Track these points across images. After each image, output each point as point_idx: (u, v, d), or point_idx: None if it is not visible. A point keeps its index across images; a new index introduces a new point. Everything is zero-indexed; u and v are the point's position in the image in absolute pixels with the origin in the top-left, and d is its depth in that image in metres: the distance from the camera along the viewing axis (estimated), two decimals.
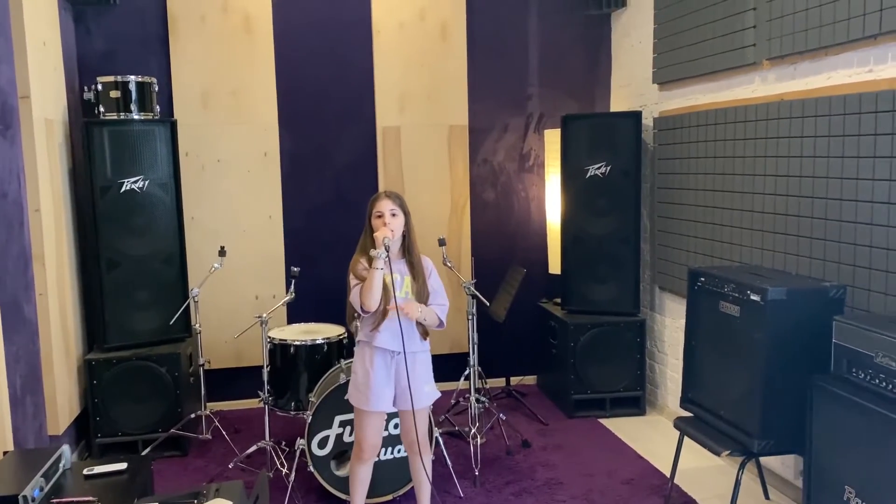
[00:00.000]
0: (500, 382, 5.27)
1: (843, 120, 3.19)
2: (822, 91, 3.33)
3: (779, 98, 3.61)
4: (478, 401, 4.21)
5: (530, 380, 5.54)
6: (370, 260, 3.01)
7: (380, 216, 3.10)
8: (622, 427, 4.66)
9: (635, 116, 4.81)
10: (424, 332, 3.21)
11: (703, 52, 4.20)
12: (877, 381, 2.64)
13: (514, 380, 5.35)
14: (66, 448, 2.77)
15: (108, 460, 2.86)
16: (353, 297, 3.10)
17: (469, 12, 5.21)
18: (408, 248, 3.18)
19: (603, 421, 4.77)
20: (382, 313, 3.08)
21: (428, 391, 3.23)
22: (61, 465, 2.71)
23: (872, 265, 3.08)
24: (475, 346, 4.17)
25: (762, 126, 3.72)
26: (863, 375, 2.71)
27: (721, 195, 4.08)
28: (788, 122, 3.52)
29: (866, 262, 3.11)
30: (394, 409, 3.23)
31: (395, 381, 3.16)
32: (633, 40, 5.14)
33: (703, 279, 3.51)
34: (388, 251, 3.00)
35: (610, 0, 5.20)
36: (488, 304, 4.08)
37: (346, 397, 3.25)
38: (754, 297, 3.11)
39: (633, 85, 5.18)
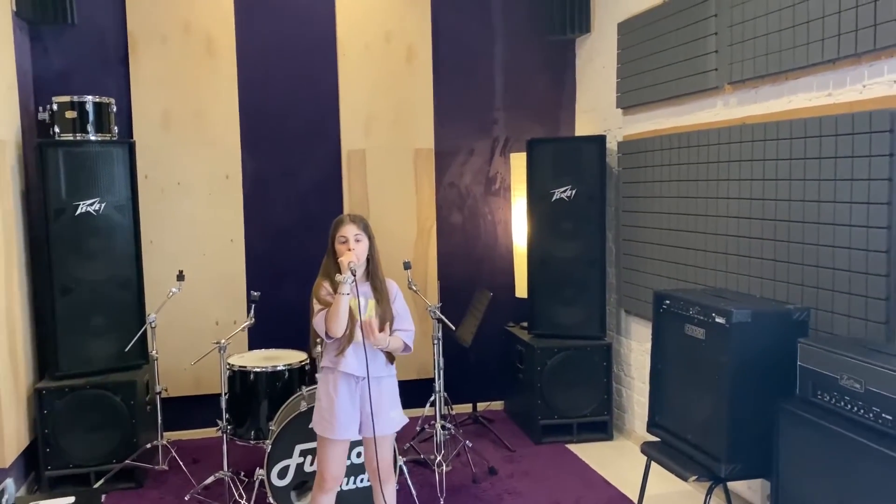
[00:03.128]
0: (466, 408, 5.19)
1: (804, 143, 3.22)
2: (784, 115, 3.36)
3: (741, 122, 3.64)
4: (443, 427, 4.13)
5: (498, 405, 5.48)
6: (335, 285, 2.94)
7: (344, 241, 3.03)
8: (589, 452, 4.61)
9: (600, 140, 4.83)
10: (391, 357, 3.14)
11: (666, 77, 4.23)
12: (842, 403, 2.63)
13: (481, 405, 5.27)
14: (9, 482, 2.63)
15: (57, 493, 2.73)
16: (318, 323, 3.01)
17: (435, 35, 5.21)
18: (372, 272, 3.11)
19: (570, 446, 4.72)
20: (348, 338, 3.00)
21: (394, 417, 3.15)
22: (4, 499, 2.57)
23: (835, 287, 3.09)
24: (441, 372, 4.11)
25: (725, 149, 3.74)
26: (828, 398, 2.70)
27: (685, 218, 4.09)
28: (751, 146, 3.55)
29: (829, 285, 3.12)
30: (359, 437, 3.14)
31: (360, 408, 3.07)
32: (597, 65, 5.18)
33: (668, 302, 3.50)
34: (354, 276, 2.93)
35: (574, 25, 5.24)
36: (454, 328, 4.02)
37: (310, 426, 3.15)
38: (719, 320, 3.09)
39: (597, 109, 5.21)
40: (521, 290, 5.20)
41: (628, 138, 4.72)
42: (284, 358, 4.10)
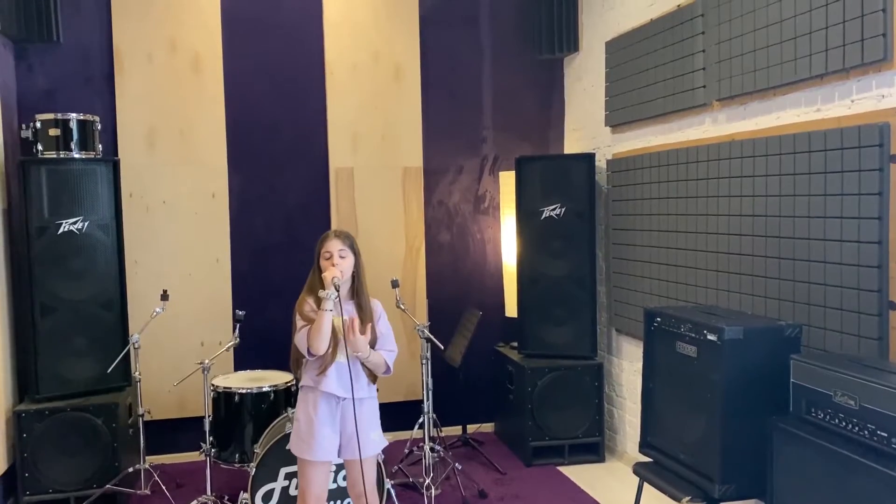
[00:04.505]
0: (456, 430, 5.11)
1: (793, 159, 3.21)
2: (772, 130, 3.35)
3: (729, 138, 3.63)
4: (432, 450, 4.06)
5: (488, 427, 5.40)
6: (318, 301, 2.89)
7: (328, 257, 2.99)
8: (581, 474, 4.54)
9: (588, 158, 4.81)
10: (373, 377, 3.07)
11: (654, 95, 4.23)
12: (836, 420, 2.59)
13: (471, 428, 5.19)
14: None
15: None
16: (300, 340, 2.96)
17: (423, 55, 5.20)
18: (357, 290, 3.06)
19: (562, 469, 4.64)
20: (331, 357, 2.94)
21: (374, 439, 3.07)
22: None
23: (827, 303, 3.05)
24: (429, 393, 4.04)
25: (714, 166, 3.73)
26: (822, 415, 2.65)
27: (675, 236, 4.07)
28: (740, 162, 3.53)
29: (821, 301, 3.08)
30: (339, 460, 3.06)
31: (340, 429, 3.00)
32: (585, 84, 5.19)
33: (659, 319, 3.46)
34: (338, 292, 2.88)
35: (562, 45, 5.25)
36: (443, 348, 3.96)
37: (287, 447, 3.08)
38: (711, 337, 3.05)
39: (586, 128, 5.20)
40: (511, 310, 5.15)
41: (617, 156, 4.71)
42: (270, 379, 4.02)
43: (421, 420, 4.07)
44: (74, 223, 4.12)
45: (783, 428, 2.77)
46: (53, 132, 4.13)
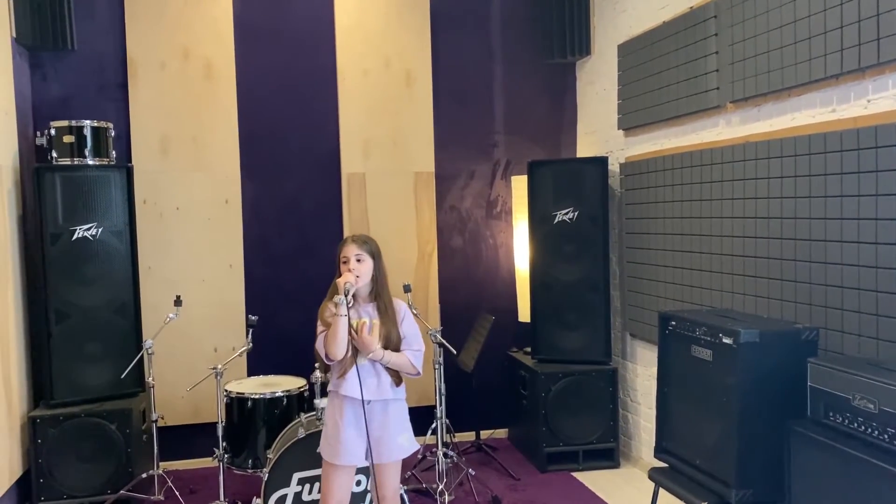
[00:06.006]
0: (469, 436, 5.09)
1: (808, 160, 3.17)
2: (787, 132, 3.32)
3: (744, 140, 3.60)
4: (445, 455, 4.04)
5: (502, 433, 5.37)
6: (335, 306, 2.89)
7: (345, 262, 3.00)
8: (596, 481, 4.50)
9: (601, 162, 4.79)
10: (398, 379, 3.05)
11: (667, 97, 4.20)
12: (855, 424, 2.54)
13: (485, 433, 5.17)
14: None
15: None
16: (319, 345, 2.97)
17: (434, 60, 5.20)
18: (377, 292, 3.05)
19: (576, 475, 4.61)
20: (350, 361, 2.94)
21: (402, 443, 3.04)
22: None
23: (844, 306, 3.01)
24: (442, 398, 4.02)
25: (728, 168, 3.69)
26: (840, 419, 2.61)
27: (689, 239, 4.03)
28: (754, 164, 3.50)
29: (838, 304, 3.04)
30: (365, 464, 3.04)
31: (366, 433, 2.98)
32: (597, 88, 5.16)
33: (673, 323, 3.42)
34: (347, 296, 2.87)
35: (574, 48, 5.23)
36: (456, 352, 3.94)
37: (317, 450, 3.07)
38: (727, 341, 3.02)
39: (598, 131, 5.18)
40: (524, 315, 5.13)
41: (630, 159, 4.68)
42: (283, 384, 4.02)
43: (434, 426, 4.05)
44: (88, 229, 4.14)
45: (801, 432, 2.73)
46: (68, 139, 4.15)
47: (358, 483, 3.44)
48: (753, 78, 3.49)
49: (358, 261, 2.99)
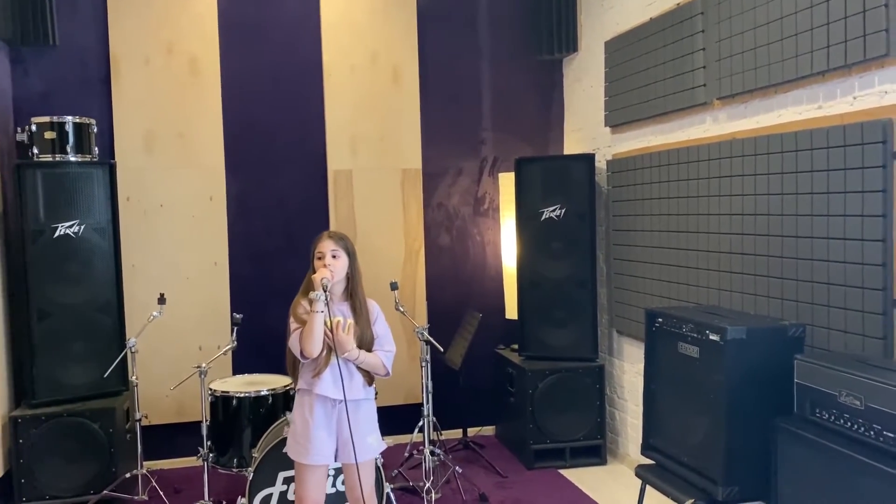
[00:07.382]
0: (456, 434, 5.07)
1: (795, 157, 3.17)
2: (774, 129, 3.32)
3: (731, 137, 3.60)
4: (432, 453, 4.02)
5: (489, 430, 5.36)
6: (311, 302, 2.86)
7: (320, 258, 2.96)
8: (583, 478, 4.50)
9: (588, 159, 4.78)
10: (370, 379, 3.04)
11: (654, 94, 4.20)
12: (841, 421, 2.55)
13: (472, 431, 5.15)
14: None
15: None
16: (293, 342, 2.93)
17: (421, 56, 5.18)
18: (352, 291, 3.03)
19: (563, 472, 4.60)
20: (325, 360, 2.91)
21: (371, 442, 3.03)
22: None
23: (831, 303, 3.02)
24: (429, 396, 4.00)
25: (715, 165, 3.69)
26: (827, 416, 2.62)
27: (676, 236, 4.03)
28: (741, 161, 3.50)
29: (825, 300, 3.05)
30: (336, 464, 3.02)
31: (337, 432, 2.96)
32: (584, 85, 5.16)
33: (660, 320, 3.42)
34: (325, 292, 2.84)
35: (561, 45, 5.22)
36: (443, 350, 3.93)
37: (284, 450, 3.04)
38: (713, 337, 3.02)
39: (585, 128, 5.17)
40: (511, 312, 5.12)
41: (618, 156, 4.68)
42: (268, 383, 3.99)
43: (421, 423, 4.03)
44: (71, 227, 4.09)
45: (787, 429, 2.74)
46: (49, 135, 4.10)
47: (343, 483, 3.41)
48: (740, 75, 3.49)
49: (334, 257, 2.96)
